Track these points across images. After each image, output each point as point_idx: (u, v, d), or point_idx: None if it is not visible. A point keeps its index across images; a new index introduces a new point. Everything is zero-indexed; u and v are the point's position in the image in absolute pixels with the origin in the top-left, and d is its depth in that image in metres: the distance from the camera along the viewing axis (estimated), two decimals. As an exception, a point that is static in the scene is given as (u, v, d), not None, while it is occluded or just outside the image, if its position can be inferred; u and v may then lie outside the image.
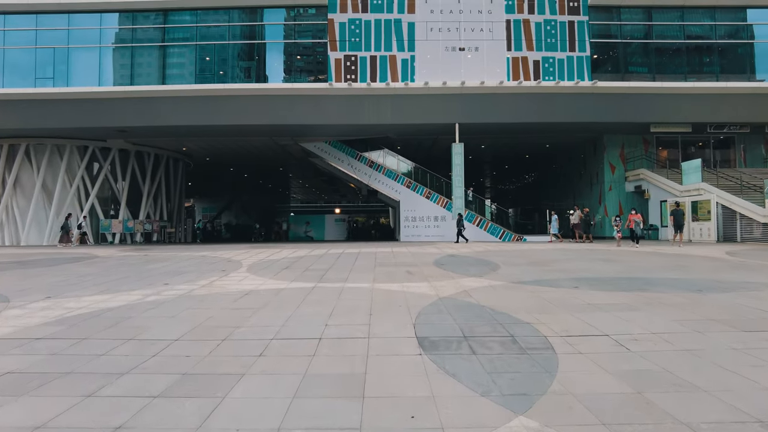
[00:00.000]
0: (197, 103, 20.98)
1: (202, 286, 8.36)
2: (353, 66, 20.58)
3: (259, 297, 7.20)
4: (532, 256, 12.71)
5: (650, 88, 20.97)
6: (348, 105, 20.89)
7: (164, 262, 12.44)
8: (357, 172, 25.02)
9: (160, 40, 21.70)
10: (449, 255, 13.05)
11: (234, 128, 22.37)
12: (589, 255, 13.15)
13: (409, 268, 10.30)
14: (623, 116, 21.67)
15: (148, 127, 22.07)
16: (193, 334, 5.09)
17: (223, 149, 28.53)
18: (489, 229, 22.52)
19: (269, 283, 8.59)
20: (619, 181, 24.97)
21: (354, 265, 10.93)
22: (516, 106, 21.09)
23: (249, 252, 15.21)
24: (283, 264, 11.44)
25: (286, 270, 10.32)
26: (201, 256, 13.95)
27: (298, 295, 7.24)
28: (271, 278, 9.14)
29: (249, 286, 8.20)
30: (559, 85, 20.62)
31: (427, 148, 28.13)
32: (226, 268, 10.92)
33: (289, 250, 16.11)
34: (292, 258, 12.89)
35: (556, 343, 4.67)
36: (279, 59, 22.31)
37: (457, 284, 8.11)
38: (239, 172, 38.32)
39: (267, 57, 22.49)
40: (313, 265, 11.08)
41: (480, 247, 16.46)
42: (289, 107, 20.87)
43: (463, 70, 20.72)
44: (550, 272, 9.56)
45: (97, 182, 25.55)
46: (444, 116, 21.24)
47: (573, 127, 22.78)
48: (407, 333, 5.01)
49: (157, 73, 21.57)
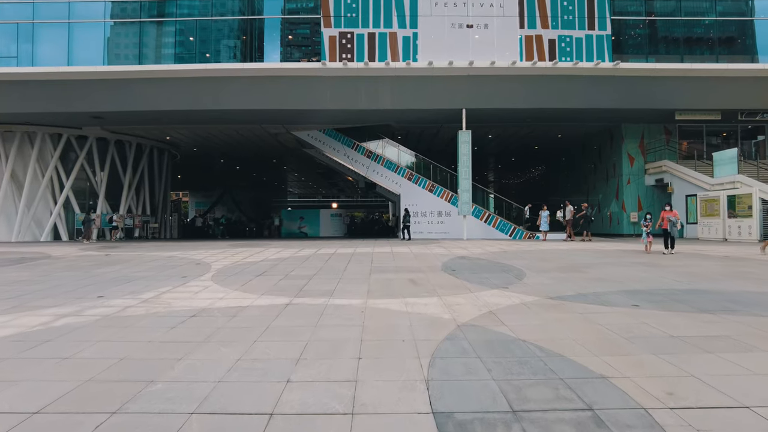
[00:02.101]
0: (177, 86, 18.95)
1: (145, 300, 6.41)
2: (349, 44, 18.54)
3: (208, 321, 5.25)
4: (557, 259, 10.76)
5: (678, 70, 18.91)
6: (343, 87, 18.86)
7: (121, 264, 10.48)
8: (354, 164, 23.03)
9: (137, 15, 19.63)
10: (459, 257, 11.10)
11: (218, 114, 20.36)
12: (623, 258, 11.19)
13: (412, 275, 8.35)
14: (647, 102, 19.67)
15: (125, 113, 20.06)
16: (66, 402, 3.13)
17: (210, 138, 26.51)
18: (498, 225, 20.56)
19: (231, 296, 6.64)
20: (638, 174, 23.00)
21: (345, 271, 8.98)
22: (529, 89, 19.07)
23: (226, 252, 13.26)
24: (259, 269, 9.49)
25: (260, 277, 8.37)
26: (168, 257, 11.99)
27: (262, 319, 5.29)
28: (237, 289, 7.19)
29: (203, 302, 6.25)
30: (578, 66, 18.59)
31: (429, 138, 26.12)
32: (188, 273, 8.96)
33: (274, 249, 14.16)
34: (273, 260, 10.93)
35: (669, 425, 2.73)
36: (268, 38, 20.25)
37: (478, 301, 6.16)
38: (230, 164, 36.28)
39: (254, 35, 20.43)
40: (295, 270, 9.13)
41: (493, 246, 14.51)
42: (278, 90, 18.85)
43: (471, 50, 18.67)
44: (589, 282, 7.60)
45: (72, 173, 23.54)
46: (450, 101, 19.22)
47: (591, 114, 20.77)
48: (417, 403, 3.06)
49: (133, 51, 19.51)
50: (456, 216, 20.26)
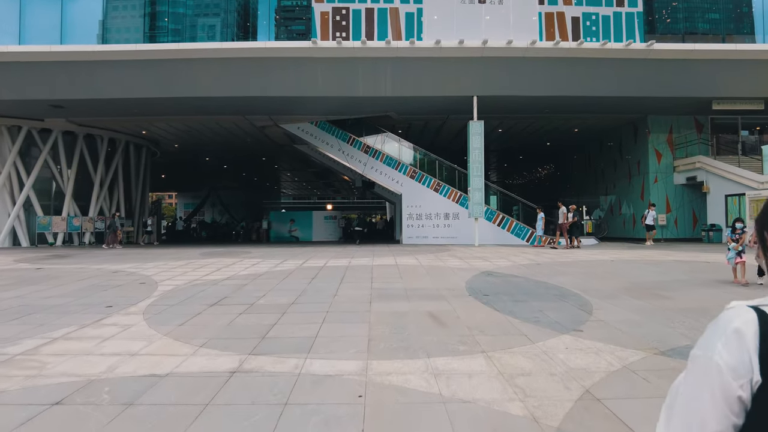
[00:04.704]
0: (146, 69, 16.43)
1: (6, 361, 3.93)
2: (344, 21, 16.10)
3: (71, 422, 2.78)
4: (611, 276, 8.32)
5: (719, 52, 16.54)
6: (337, 71, 16.39)
7: (42, 284, 7.97)
8: (350, 160, 20.55)
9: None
10: (485, 273, 8.62)
11: (196, 103, 17.85)
12: (697, 273, 8.76)
13: (431, 305, 5.89)
14: (681, 90, 17.32)
15: (88, 101, 17.53)
16: None
17: (192, 133, 23.95)
18: (513, 229, 18.11)
19: (151, 351, 4.15)
20: (666, 172, 20.64)
21: (336, 298, 6.50)
22: (550, 74, 16.65)
23: (191, 264, 10.76)
24: (218, 293, 6.99)
25: (213, 309, 5.88)
26: (113, 271, 9.46)
27: (175, 420, 2.82)
28: (168, 334, 4.70)
29: (98, 365, 3.77)
30: (606, 47, 16.18)
31: (432, 133, 23.69)
32: (120, 300, 6.46)
33: (251, 259, 11.65)
34: (243, 277, 8.44)
35: None
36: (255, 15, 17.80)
37: (552, 362, 3.71)
38: (217, 163, 33.73)
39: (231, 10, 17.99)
40: (267, 296, 6.65)
41: (517, 255, 12.06)
42: (263, 74, 16.37)
43: (483, 28, 16.27)
44: (691, 317, 5.17)
45: (34, 170, 20.95)
46: (459, 87, 16.79)
47: (617, 103, 18.40)
48: None
49: (94, 29, 17.01)
50: (466, 218, 17.83)
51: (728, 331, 0.75)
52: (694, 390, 0.76)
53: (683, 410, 0.77)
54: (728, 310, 0.78)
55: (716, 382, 0.73)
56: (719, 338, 0.76)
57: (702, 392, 0.74)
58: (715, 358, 0.74)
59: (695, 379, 0.76)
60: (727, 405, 0.73)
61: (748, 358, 0.72)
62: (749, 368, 0.72)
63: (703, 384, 0.75)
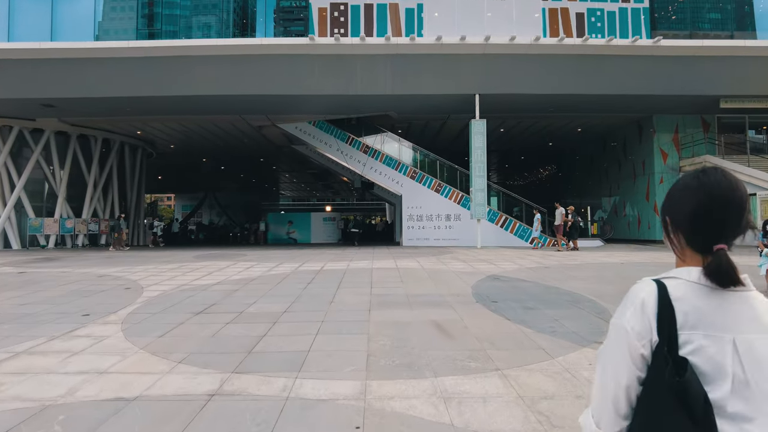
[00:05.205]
0: (139, 67, 15.96)
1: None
2: (342, 17, 15.67)
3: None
4: (625, 280, 7.85)
5: (727, 48, 16.12)
6: (335, 68, 15.93)
7: (20, 290, 7.49)
8: (349, 160, 20.08)
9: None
10: (491, 277, 8.14)
11: (191, 102, 17.39)
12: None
13: (436, 313, 5.42)
14: (688, 87, 16.88)
15: (80, 100, 17.09)
16: None
17: (188, 134, 23.49)
18: (517, 231, 17.65)
19: (124, 367, 3.68)
20: (672, 172, 20.19)
21: (332, 305, 6.03)
22: (554, 72, 16.20)
23: (183, 267, 10.28)
24: (206, 299, 6.51)
25: (198, 318, 5.40)
26: (99, 276, 8.98)
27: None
28: (145, 348, 4.23)
29: (58, 386, 3.29)
30: (612, 43, 15.73)
31: (432, 134, 23.26)
32: (99, 308, 5.98)
33: (245, 263, 11.18)
34: (235, 282, 7.96)
35: None
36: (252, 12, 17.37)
37: (577, 383, 3.24)
38: (214, 164, 33.26)
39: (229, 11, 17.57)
40: (258, 303, 6.17)
41: (522, 258, 11.58)
42: (259, 72, 15.91)
43: (485, 24, 15.84)
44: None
45: (25, 171, 20.47)
46: (460, 84, 16.36)
47: (622, 102, 17.95)
48: None
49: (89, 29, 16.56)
50: (468, 220, 17.36)
51: (635, 301, 0.94)
52: (611, 350, 0.95)
53: (604, 367, 0.95)
54: (637, 284, 0.98)
55: (625, 343, 0.92)
56: (629, 308, 0.95)
57: (616, 352, 0.93)
58: (625, 324, 0.93)
59: (611, 342, 0.95)
60: (633, 361, 0.91)
61: (648, 323, 0.91)
62: (649, 330, 0.91)
63: (616, 345, 0.94)
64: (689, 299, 0.91)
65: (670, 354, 0.88)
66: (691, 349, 0.88)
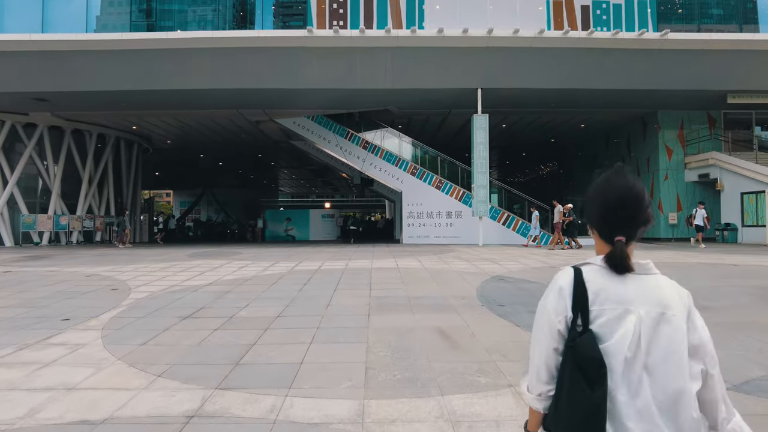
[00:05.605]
0: (133, 59, 15.54)
1: None
2: (341, 9, 15.25)
3: None
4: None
5: (737, 42, 15.71)
6: (334, 61, 15.51)
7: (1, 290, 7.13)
8: (348, 156, 19.69)
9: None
10: (496, 278, 7.78)
11: (186, 96, 16.97)
12: (750, 279, 7.94)
13: (440, 319, 5.05)
14: (695, 82, 16.48)
15: (72, 94, 16.67)
16: None
17: (185, 129, 23.07)
18: (519, 228, 17.29)
19: (96, 382, 3.31)
20: (677, 169, 19.83)
21: (329, 308, 5.66)
22: (558, 66, 15.79)
23: (176, 266, 9.92)
24: (195, 301, 6.15)
25: (185, 323, 5.04)
26: (87, 275, 8.61)
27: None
28: (123, 358, 3.86)
29: (20, 406, 2.93)
30: (617, 36, 15.32)
31: (433, 129, 22.86)
32: (77, 314, 5.60)
33: (240, 261, 10.81)
34: (227, 282, 7.59)
35: None
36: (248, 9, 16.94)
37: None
38: (212, 160, 32.81)
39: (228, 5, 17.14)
40: (250, 306, 5.81)
41: (527, 257, 11.22)
42: (256, 65, 15.49)
43: (489, 17, 15.42)
44: (753, 338, 4.35)
45: (18, 166, 20.05)
46: (462, 78, 15.95)
47: (627, 97, 17.53)
48: None
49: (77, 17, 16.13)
50: (469, 217, 17.00)
51: (556, 285, 1.11)
52: (537, 327, 1.13)
53: (533, 341, 1.14)
54: (560, 271, 1.14)
55: (546, 320, 1.10)
56: (551, 291, 1.12)
57: (540, 328, 1.11)
58: (547, 305, 1.11)
59: (538, 319, 1.14)
60: (551, 335, 1.08)
61: (564, 303, 1.08)
62: (565, 309, 1.07)
63: (540, 322, 1.12)
64: (598, 280, 1.07)
65: (584, 327, 1.04)
66: (600, 321, 1.04)
